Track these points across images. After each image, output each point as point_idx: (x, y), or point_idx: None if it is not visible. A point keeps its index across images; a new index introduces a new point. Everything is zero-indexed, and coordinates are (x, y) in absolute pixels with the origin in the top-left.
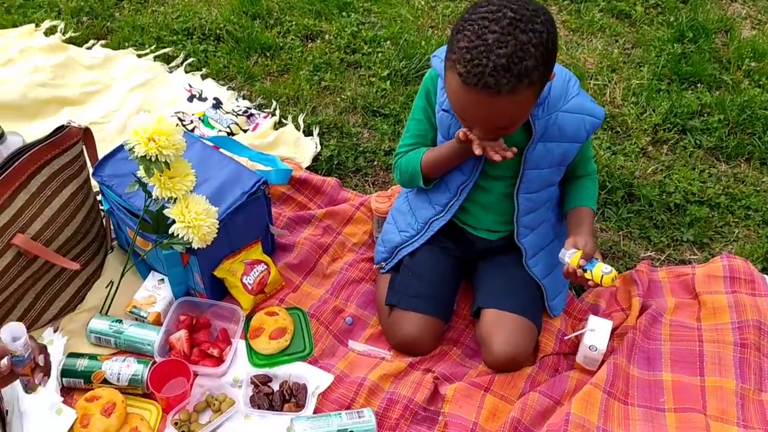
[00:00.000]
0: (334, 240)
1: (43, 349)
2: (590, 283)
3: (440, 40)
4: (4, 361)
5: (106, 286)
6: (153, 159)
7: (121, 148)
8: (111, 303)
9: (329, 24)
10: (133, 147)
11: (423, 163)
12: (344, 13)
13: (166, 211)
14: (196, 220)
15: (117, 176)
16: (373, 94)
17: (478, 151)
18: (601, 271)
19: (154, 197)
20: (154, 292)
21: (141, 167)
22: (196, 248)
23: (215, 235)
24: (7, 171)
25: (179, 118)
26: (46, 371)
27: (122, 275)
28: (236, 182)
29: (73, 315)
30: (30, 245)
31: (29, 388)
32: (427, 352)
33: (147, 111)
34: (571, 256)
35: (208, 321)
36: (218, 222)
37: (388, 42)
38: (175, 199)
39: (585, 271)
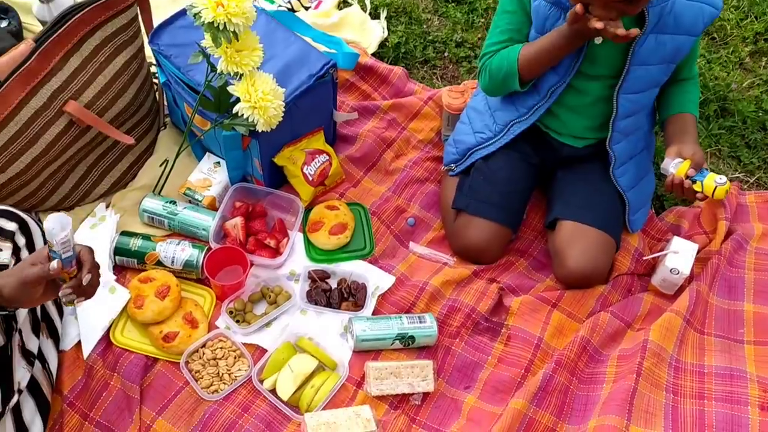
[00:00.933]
0: (398, 135)
1: (90, 255)
2: (699, 195)
3: None
4: (54, 264)
5: (160, 165)
6: (221, 27)
7: (180, 14)
8: (164, 183)
9: None
10: (199, 12)
11: (521, 60)
12: None
13: (230, 88)
14: (262, 100)
15: (175, 46)
16: None
17: (599, 25)
18: (714, 182)
19: (218, 71)
20: (210, 175)
21: (206, 36)
22: (259, 131)
23: (280, 119)
24: (60, 31)
25: None
26: (94, 281)
27: (177, 155)
28: (303, 63)
29: (125, 192)
30: (83, 113)
31: (67, 301)
32: (492, 260)
33: None
34: (677, 166)
35: (264, 210)
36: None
37: None
38: (241, 76)
39: (694, 182)
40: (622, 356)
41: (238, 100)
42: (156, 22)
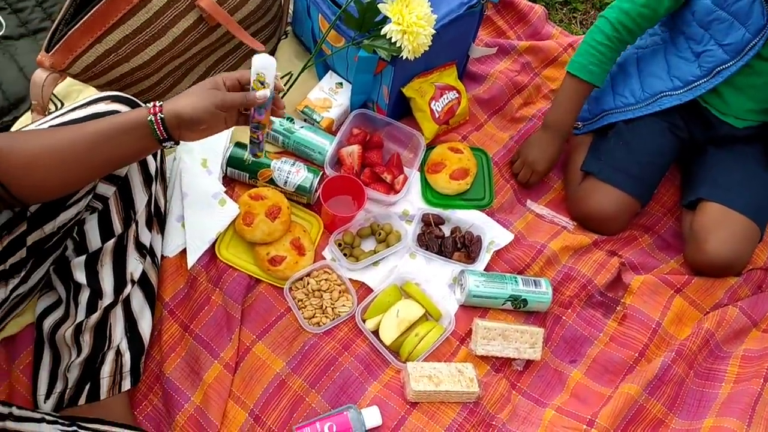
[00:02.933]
0: (530, 81)
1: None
2: None
3: None
4: (266, 92)
5: (282, 76)
6: None
7: None
8: (283, 96)
9: None
10: None
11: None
12: None
13: (381, 6)
14: (415, 25)
15: None
16: None
17: None
18: None
19: None
20: (331, 96)
21: None
22: (403, 57)
23: (427, 48)
24: None
25: None
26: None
27: (303, 69)
28: None
29: None
30: (216, 10)
31: (259, 150)
32: (614, 232)
33: None
34: None
35: (381, 141)
36: None
37: None
38: None
39: None
40: (747, 357)
41: (383, 20)
42: None
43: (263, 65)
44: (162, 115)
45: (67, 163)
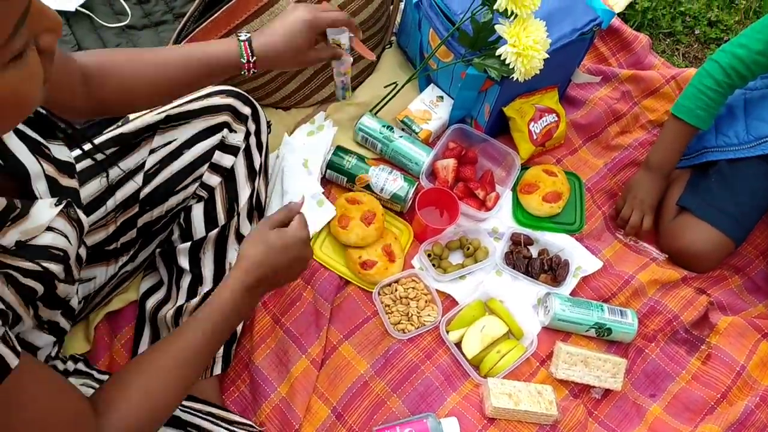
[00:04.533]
0: (629, 110)
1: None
2: None
3: None
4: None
5: (386, 86)
6: None
7: None
8: (384, 105)
9: None
10: None
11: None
12: None
13: (498, 27)
14: (531, 48)
15: None
16: None
17: None
18: None
19: (495, 7)
20: (431, 108)
21: None
22: (513, 79)
23: (538, 72)
24: None
25: None
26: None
27: (408, 80)
28: (568, 13)
29: (341, 104)
30: None
31: (349, 90)
32: (705, 270)
33: None
34: None
35: (476, 156)
36: None
37: None
38: (515, 17)
39: None
40: None
41: (497, 40)
42: None
43: (335, 33)
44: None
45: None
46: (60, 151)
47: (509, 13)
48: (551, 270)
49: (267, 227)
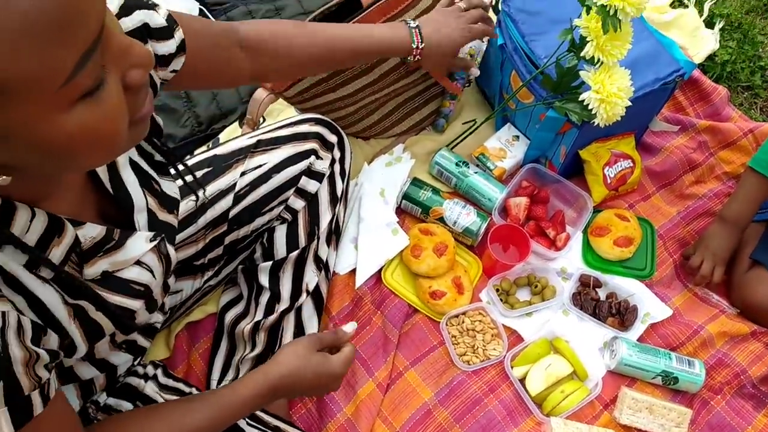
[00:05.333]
0: (705, 160)
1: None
2: None
3: None
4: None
5: (464, 123)
6: (612, 12)
7: None
8: (461, 141)
9: None
10: None
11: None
12: None
13: (582, 73)
14: (614, 96)
15: (525, 12)
16: None
17: None
18: None
19: (582, 54)
20: (506, 147)
21: (584, 16)
22: (594, 124)
23: (620, 118)
24: None
25: None
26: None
27: (488, 118)
28: (652, 63)
29: (418, 138)
30: None
31: (447, 121)
32: None
33: None
34: None
35: (547, 196)
36: None
37: None
38: (601, 64)
39: None
40: None
41: (580, 85)
42: None
43: (475, 44)
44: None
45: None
46: (168, 186)
47: (596, 61)
48: (619, 314)
49: (314, 346)
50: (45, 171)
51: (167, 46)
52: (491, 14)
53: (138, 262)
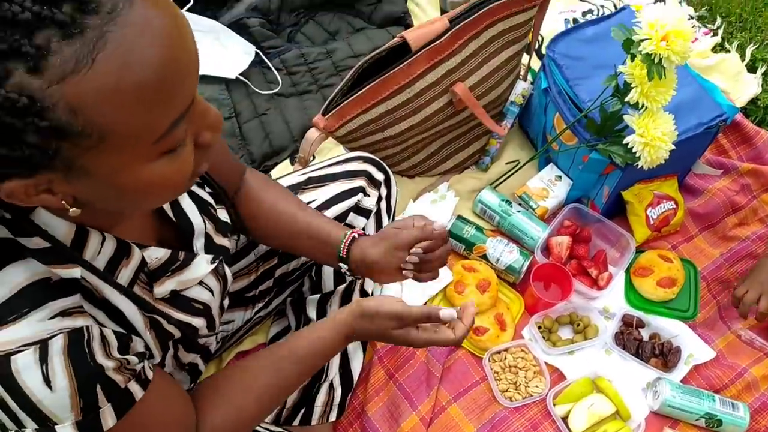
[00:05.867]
0: (748, 203)
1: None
2: None
3: None
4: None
5: (507, 163)
6: (657, 61)
7: (581, 26)
8: (504, 180)
9: None
10: (641, 40)
11: None
12: None
13: (626, 117)
14: (658, 140)
15: (569, 57)
16: None
17: None
18: None
19: (626, 99)
20: (549, 187)
21: (629, 62)
22: (638, 166)
23: (663, 161)
24: (472, 17)
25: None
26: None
27: (531, 159)
28: (695, 108)
29: (463, 176)
30: (467, 96)
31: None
32: None
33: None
34: None
35: (590, 236)
36: None
37: None
38: (645, 109)
39: None
40: None
41: (623, 129)
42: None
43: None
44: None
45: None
46: (222, 213)
47: (640, 106)
48: (662, 355)
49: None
50: (114, 208)
51: None
52: (534, 59)
53: (199, 282)
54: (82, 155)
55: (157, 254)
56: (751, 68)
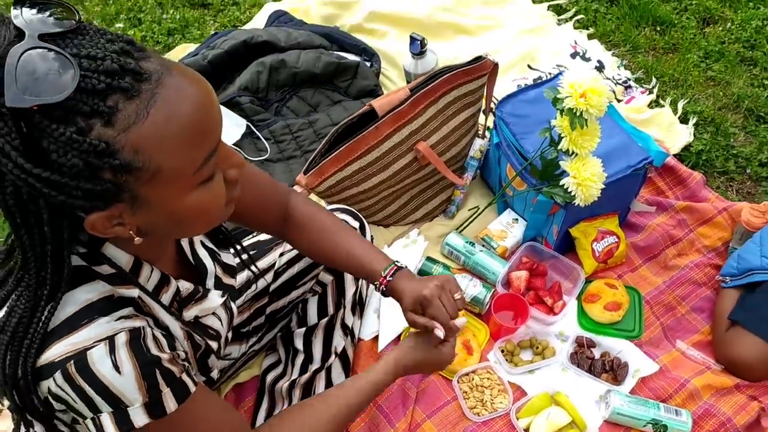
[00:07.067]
0: (685, 236)
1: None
2: None
3: None
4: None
5: (469, 209)
6: (578, 114)
7: (525, 90)
8: (468, 225)
9: (733, 12)
10: (564, 97)
11: None
12: (753, 4)
13: (562, 163)
14: (588, 180)
15: (515, 115)
16: (763, 98)
17: None
18: None
19: (558, 148)
20: (507, 229)
21: (558, 117)
22: (575, 204)
23: (596, 199)
24: (429, 85)
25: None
26: None
27: (488, 205)
28: (624, 153)
29: (433, 224)
30: (429, 152)
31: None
32: (757, 379)
33: (532, 58)
34: None
35: (546, 270)
36: None
37: None
38: (575, 155)
39: None
40: None
41: (562, 173)
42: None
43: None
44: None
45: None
46: (227, 257)
47: (570, 152)
48: (612, 370)
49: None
50: (166, 234)
51: None
52: (490, 119)
53: (213, 313)
54: (142, 186)
55: (185, 285)
56: (684, 120)
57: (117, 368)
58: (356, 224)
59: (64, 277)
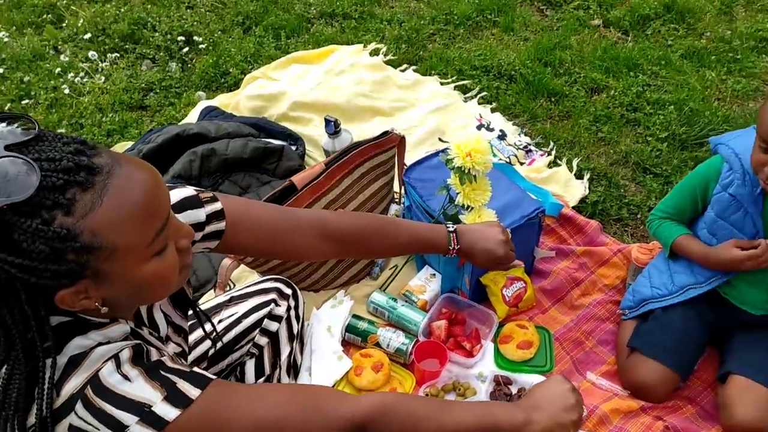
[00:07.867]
0: (587, 277)
1: None
2: None
3: (726, 113)
4: None
5: (389, 268)
6: (466, 171)
7: (429, 157)
8: (390, 283)
9: (616, 81)
10: (453, 158)
11: (674, 248)
12: (632, 73)
13: (461, 216)
14: None
15: (421, 180)
16: (647, 153)
17: (748, 266)
18: None
19: (455, 203)
20: (426, 283)
21: (452, 176)
22: None
23: None
24: (342, 159)
25: None
26: None
27: (405, 263)
28: (518, 206)
29: (359, 285)
30: None
31: (381, 270)
32: (659, 400)
33: (442, 132)
34: None
35: (464, 318)
36: None
37: (672, 106)
38: (471, 208)
39: None
40: None
41: None
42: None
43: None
44: None
45: None
46: (178, 319)
47: (466, 206)
48: None
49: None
50: (129, 302)
51: (207, 229)
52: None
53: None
54: (103, 263)
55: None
56: (579, 176)
57: (126, 378)
58: (289, 291)
59: (51, 340)
